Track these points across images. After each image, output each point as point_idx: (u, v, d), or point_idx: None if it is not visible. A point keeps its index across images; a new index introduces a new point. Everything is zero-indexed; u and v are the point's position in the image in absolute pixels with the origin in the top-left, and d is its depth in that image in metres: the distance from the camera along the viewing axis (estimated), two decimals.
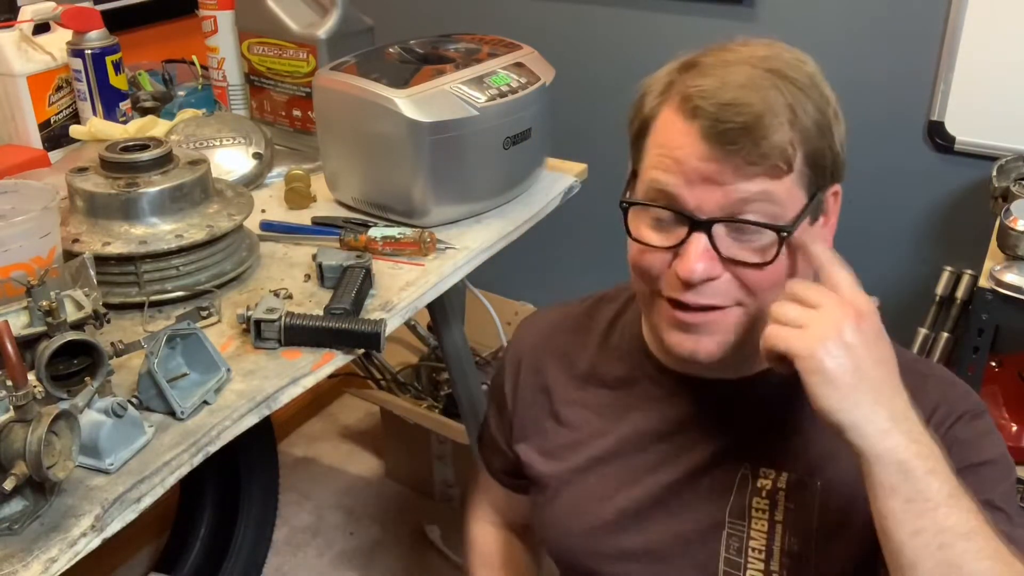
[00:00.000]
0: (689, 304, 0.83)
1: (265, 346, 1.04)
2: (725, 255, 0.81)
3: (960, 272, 1.90)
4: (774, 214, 0.80)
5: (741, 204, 0.79)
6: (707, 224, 0.80)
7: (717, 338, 0.84)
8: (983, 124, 1.82)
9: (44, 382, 0.86)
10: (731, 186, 0.79)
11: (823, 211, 0.86)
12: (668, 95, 0.83)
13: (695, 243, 0.80)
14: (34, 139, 1.49)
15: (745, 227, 0.80)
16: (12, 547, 0.77)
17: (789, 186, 0.80)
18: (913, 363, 0.89)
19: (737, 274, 0.82)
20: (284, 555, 2.20)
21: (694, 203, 0.80)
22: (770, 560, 0.88)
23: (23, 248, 0.96)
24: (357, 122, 1.30)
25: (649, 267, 0.85)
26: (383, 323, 1.05)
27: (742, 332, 0.85)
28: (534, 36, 1.52)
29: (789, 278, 0.83)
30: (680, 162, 0.80)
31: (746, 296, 0.83)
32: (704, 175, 0.79)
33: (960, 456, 0.81)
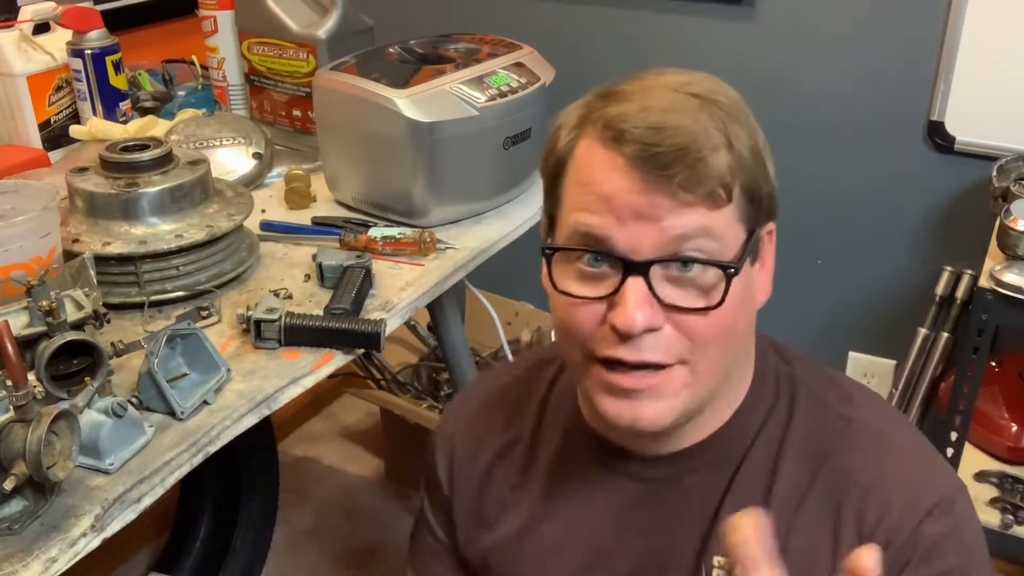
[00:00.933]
0: (627, 362, 0.72)
1: (265, 346, 1.04)
2: (666, 302, 0.71)
3: (960, 272, 1.90)
4: (714, 251, 0.72)
5: (679, 241, 0.70)
6: (644, 267, 0.70)
7: (661, 404, 0.74)
8: (983, 124, 1.82)
9: (44, 382, 0.86)
10: (667, 221, 0.70)
11: (759, 252, 0.77)
12: (585, 126, 0.74)
13: (632, 289, 0.70)
14: (34, 139, 1.49)
15: (685, 269, 0.71)
16: (12, 547, 0.77)
17: (728, 220, 0.72)
18: (880, 425, 0.83)
19: (679, 324, 0.72)
20: (284, 555, 2.20)
21: (627, 244, 0.71)
22: None
23: (23, 248, 0.96)
24: (357, 122, 1.30)
25: (579, 324, 0.74)
26: (383, 323, 1.05)
27: (689, 396, 0.75)
28: (534, 36, 1.52)
29: (733, 327, 0.74)
30: (608, 199, 0.71)
31: (690, 351, 0.73)
32: (636, 210, 0.70)
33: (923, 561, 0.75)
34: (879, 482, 0.78)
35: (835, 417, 0.82)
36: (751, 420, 0.82)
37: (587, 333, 0.74)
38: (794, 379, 0.84)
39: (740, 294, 0.73)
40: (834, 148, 2.01)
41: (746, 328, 0.78)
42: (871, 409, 0.84)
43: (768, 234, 0.78)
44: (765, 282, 0.79)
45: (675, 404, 0.74)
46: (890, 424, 0.84)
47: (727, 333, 0.74)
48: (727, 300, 0.71)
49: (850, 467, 0.79)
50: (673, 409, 0.75)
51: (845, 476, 0.79)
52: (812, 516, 0.78)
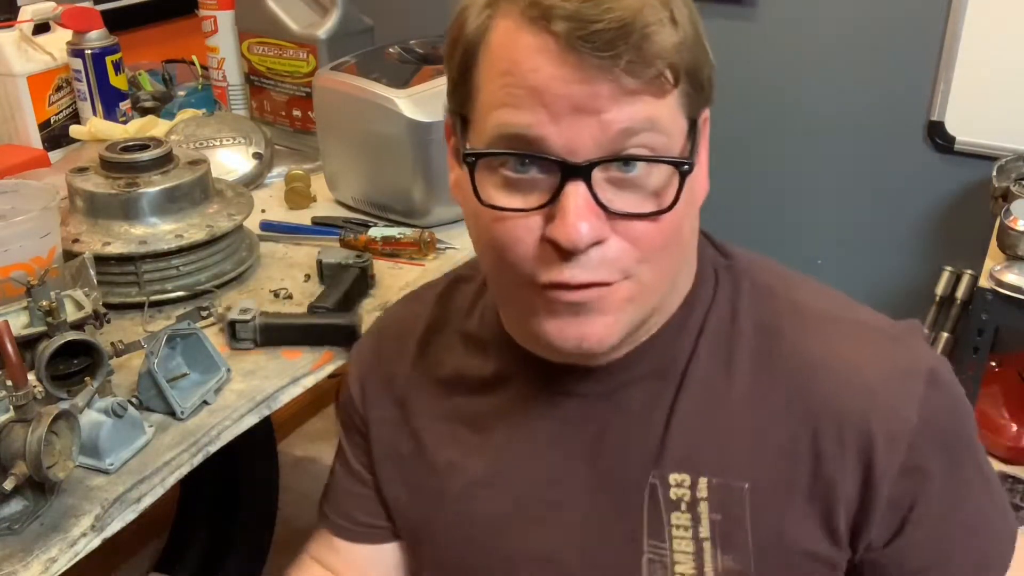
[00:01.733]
0: (572, 283, 0.63)
1: (241, 346, 1.04)
2: (611, 208, 0.62)
3: (960, 272, 1.90)
4: (661, 146, 0.63)
5: (623, 137, 0.61)
6: (585, 169, 0.61)
7: (607, 319, 0.65)
8: (983, 124, 1.83)
9: (44, 382, 0.86)
10: (609, 114, 0.60)
11: (698, 143, 0.68)
12: (501, 3, 0.63)
13: (573, 195, 0.61)
14: (34, 139, 1.49)
15: (627, 169, 0.62)
16: (12, 547, 0.77)
17: (673, 108, 0.63)
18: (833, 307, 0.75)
19: (626, 232, 0.63)
20: (284, 555, 2.20)
21: (565, 144, 0.61)
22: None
23: (23, 248, 0.96)
24: (357, 122, 1.30)
25: (510, 242, 0.64)
26: (359, 317, 1.05)
27: (635, 310, 0.67)
28: None
29: (680, 236, 0.66)
30: (538, 91, 0.60)
31: (636, 263, 0.64)
32: (574, 103, 0.60)
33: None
34: (847, 370, 0.70)
35: (783, 301, 0.74)
36: (691, 321, 0.74)
37: (523, 253, 0.64)
38: (735, 272, 0.76)
39: (687, 194, 0.64)
40: (834, 148, 2.01)
41: (692, 230, 0.70)
42: (820, 293, 0.77)
43: (704, 122, 0.69)
44: (703, 177, 0.70)
45: (621, 318, 0.66)
46: (843, 304, 0.77)
47: (676, 238, 0.66)
48: (679, 201, 0.63)
49: (808, 346, 0.71)
50: (619, 324, 0.66)
51: (809, 364, 0.71)
52: (777, 414, 0.71)
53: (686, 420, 0.72)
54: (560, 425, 0.76)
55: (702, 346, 0.73)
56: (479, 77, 0.65)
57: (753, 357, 0.73)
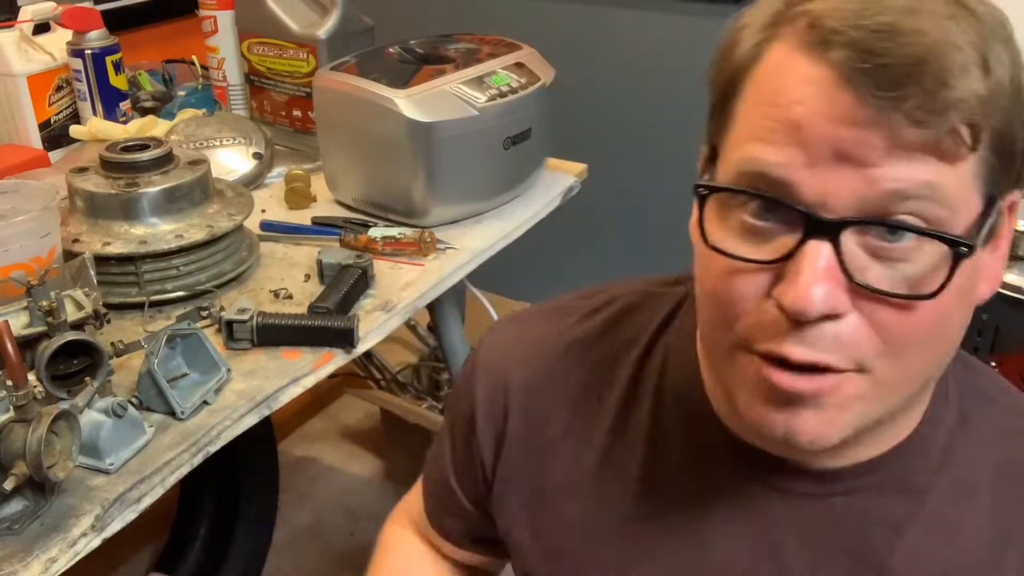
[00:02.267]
0: (792, 360, 0.53)
1: (238, 347, 1.03)
2: (858, 280, 0.51)
3: None
4: (939, 220, 0.50)
5: (891, 200, 0.50)
6: (835, 227, 0.50)
7: (827, 415, 0.54)
8: None
9: (44, 382, 0.86)
10: (880, 169, 0.49)
11: (996, 230, 0.56)
12: (781, 26, 0.53)
13: (812, 255, 0.50)
14: (34, 139, 1.49)
15: (893, 239, 0.51)
16: (12, 547, 0.77)
17: (966, 179, 0.51)
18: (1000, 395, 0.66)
19: (871, 315, 0.52)
20: (284, 555, 2.20)
21: (816, 194, 0.50)
22: None
23: (23, 248, 0.96)
24: (357, 122, 1.30)
25: (733, 296, 0.54)
26: (356, 319, 1.05)
27: (864, 411, 0.55)
28: (534, 36, 1.52)
29: (946, 327, 0.55)
30: (798, 127, 0.50)
31: (875, 355, 0.53)
32: (837, 147, 0.49)
33: None
34: None
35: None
36: (934, 437, 0.64)
37: (744, 311, 0.54)
38: (983, 390, 0.67)
39: (962, 284, 0.53)
40: None
41: (957, 330, 0.57)
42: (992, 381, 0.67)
43: (1011, 208, 0.56)
44: (996, 270, 0.58)
45: (843, 417, 0.55)
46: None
47: (933, 334, 0.54)
48: (947, 290, 0.51)
49: None
50: (840, 423, 0.55)
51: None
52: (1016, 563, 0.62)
53: (915, 551, 0.62)
54: (756, 519, 0.64)
55: (942, 468, 0.64)
56: (739, 106, 0.55)
57: (996, 495, 0.64)
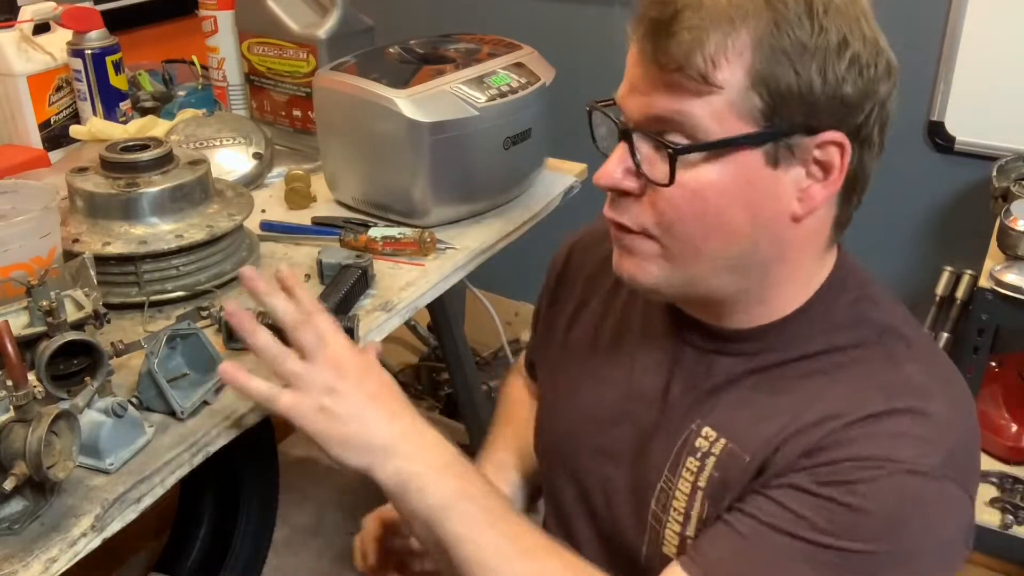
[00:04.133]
0: (606, 216, 0.80)
1: (238, 347, 1.03)
2: (642, 170, 0.75)
3: (960, 272, 1.90)
4: (693, 136, 0.72)
5: (658, 120, 0.73)
6: (626, 132, 0.75)
7: (635, 261, 0.79)
8: (983, 124, 1.83)
9: (44, 382, 0.86)
10: (649, 97, 0.73)
11: (805, 159, 0.73)
12: None
13: (617, 149, 0.76)
14: (34, 139, 1.49)
15: (654, 143, 0.74)
16: (12, 547, 0.77)
17: (718, 110, 0.70)
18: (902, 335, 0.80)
19: (650, 197, 0.76)
20: (284, 555, 2.20)
21: (625, 111, 0.77)
22: (687, 524, 0.82)
23: (23, 248, 0.96)
24: (357, 122, 1.30)
25: None
26: (356, 319, 1.05)
27: (667, 268, 0.78)
28: (534, 36, 1.52)
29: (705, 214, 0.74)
30: (626, 70, 0.77)
31: (655, 226, 0.76)
32: (633, 82, 0.75)
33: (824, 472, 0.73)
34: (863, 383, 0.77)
35: (892, 371, 0.77)
36: (801, 332, 0.81)
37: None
38: (870, 320, 0.81)
39: (726, 186, 0.73)
40: None
41: (749, 226, 0.75)
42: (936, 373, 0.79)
43: (835, 145, 0.73)
44: (813, 195, 0.74)
45: (648, 268, 0.79)
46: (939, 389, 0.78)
47: (696, 218, 0.74)
48: (690, 183, 0.73)
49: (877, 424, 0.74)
50: (647, 272, 0.79)
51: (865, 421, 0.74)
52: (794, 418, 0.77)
53: (743, 395, 0.83)
54: (664, 356, 0.88)
55: (797, 356, 0.81)
56: None
57: (825, 384, 0.78)
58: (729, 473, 0.79)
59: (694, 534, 0.81)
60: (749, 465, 0.78)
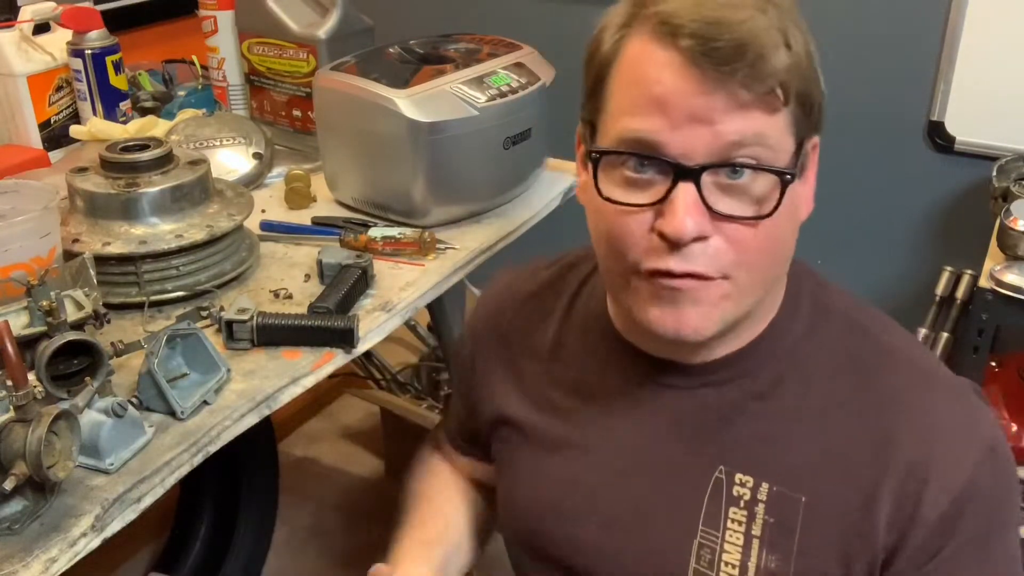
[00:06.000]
0: (674, 272, 0.71)
1: (238, 347, 1.03)
2: (716, 209, 0.70)
3: (960, 272, 1.90)
4: (768, 160, 0.70)
5: (733, 147, 0.69)
6: (696, 172, 0.69)
7: (703, 310, 0.73)
8: (983, 124, 1.82)
9: (44, 382, 0.86)
10: (722, 125, 0.68)
11: (805, 165, 0.77)
12: (634, 24, 0.72)
13: (683, 195, 0.69)
14: (34, 139, 1.49)
15: (735, 176, 0.70)
16: (12, 547, 0.77)
17: (782, 127, 0.71)
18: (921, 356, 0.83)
19: (728, 234, 0.71)
20: (284, 555, 2.20)
21: (680, 149, 0.69)
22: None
23: (23, 248, 0.96)
24: (357, 122, 1.30)
25: (625, 233, 0.73)
26: (356, 319, 1.05)
27: (729, 308, 0.74)
28: (534, 36, 1.52)
29: (782, 239, 0.74)
30: (661, 101, 0.68)
31: (734, 264, 0.72)
32: (691, 113, 0.68)
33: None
34: (925, 418, 0.77)
35: (874, 340, 0.81)
36: (781, 338, 0.81)
37: (633, 243, 0.73)
38: (831, 306, 0.84)
39: (787, 206, 0.72)
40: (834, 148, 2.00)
41: (789, 243, 0.77)
42: (912, 342, 0.84)
43: (813, 148, 0.77)
44: (808, 197, 0.78)
45: (715, 313, 0.74)
46: (931, 358, 0.84)
47: (773, 245, 0.74)
48: (778, 210, 0.70)
49: (895, 387, 0.78)
50: (714, 317, 0.74)
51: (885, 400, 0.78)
52: (846, 440, 0.78)
53: (760, 428, 0.80)
54: (645, 410, 0.84)
55: (787, 364, 0.81)
56: (610, 88, 0.73)
57: (835, 385, 0.79)
58: (786, 516, 0.78)
59: None
60: (811, 505, 0.77)
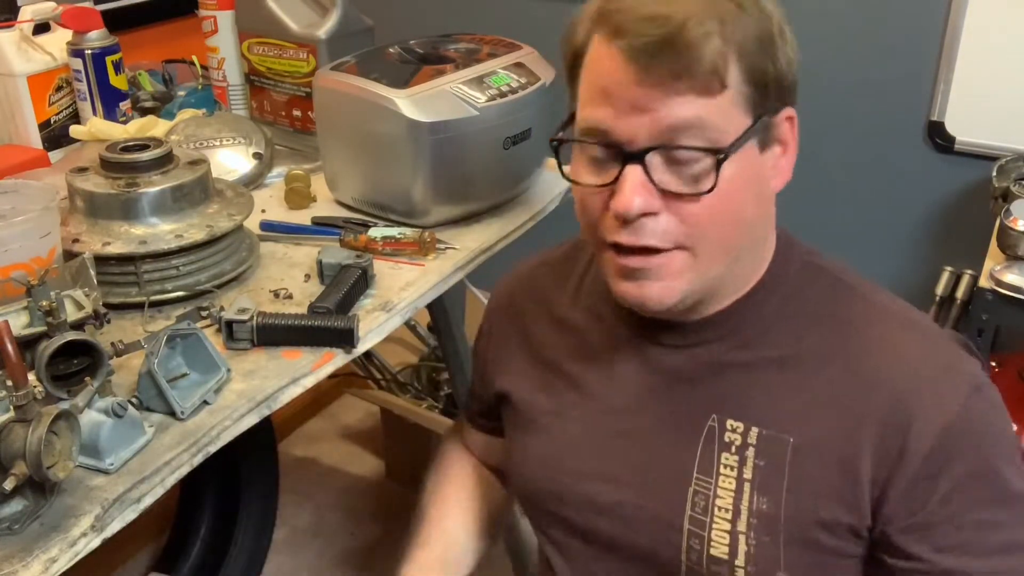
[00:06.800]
0: (626, 245, 0.78)
1: (238, 347, 1.03)
2: (661, 187, 0.75)
3: (960, 272, 1.90)
4: (712, 140, 0.74)
5: (672, 132, 0.74)
6: (639, 155, 0.75)
7: (664, 283, 0.79)
8: (983, 124, 1.83)
9: (44, 382, 0.86)
10: (660, 112, 0.73)
11: (776, 138, 0.81)
12: (598, 24, 0.78)
13: (629, 176, 0.75)
14: (34, 139, 1.49)
15: (680, 155, 0.75)
16: (12, 547, 0.77)
17: (726, 107, 0.74)
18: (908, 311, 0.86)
19: (676, 210, 0.76)
20: (284, 555, 2.20)
21: (624, 135, 0.75)
22: (737, 519, 0.82)
23: (23, 248, 0.96)
24: (357, 122, 1.30)
25: (588, 211, 0.81)
26: (356, 319, 1.05)
27: (693, 278, 0.79)
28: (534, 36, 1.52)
29: (733, 211, 0.77)
30: (608, 93, 0.75)
31: (687, 237, 0.77)
32: (631, 102, 0.74)
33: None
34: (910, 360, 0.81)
35: (860, 296, 0.86)
36: (772, 296, 0.85)
37: (595, 219, 0.80)
38: (821, 267, 0.88)
39: (742, 179, 0.76)
40: (834, 148, 2.01)
41: (756, 211, 0.81)
42: (895, 298, 0.88)
43: (788, 119, 0.81)
44: (783, 167, 0.82)
45: (677, 285, 0.79)
46: (914, 311, 0.87)
47: (727, 217, 0.77)
48: (721, 185, 0.74)
49: (881, 335, 0.83)
50: (675, 290, 0.79)
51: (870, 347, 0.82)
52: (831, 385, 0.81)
53: (750, 377, 0.85)
54: (640, 366, 0.90)
55: (775, 319, 0.85)
56: (580, 81, 0.80)
57: (821, 336, 0.84)
58: (774, 459, 0.82)
59: (746, 528, 0.81)
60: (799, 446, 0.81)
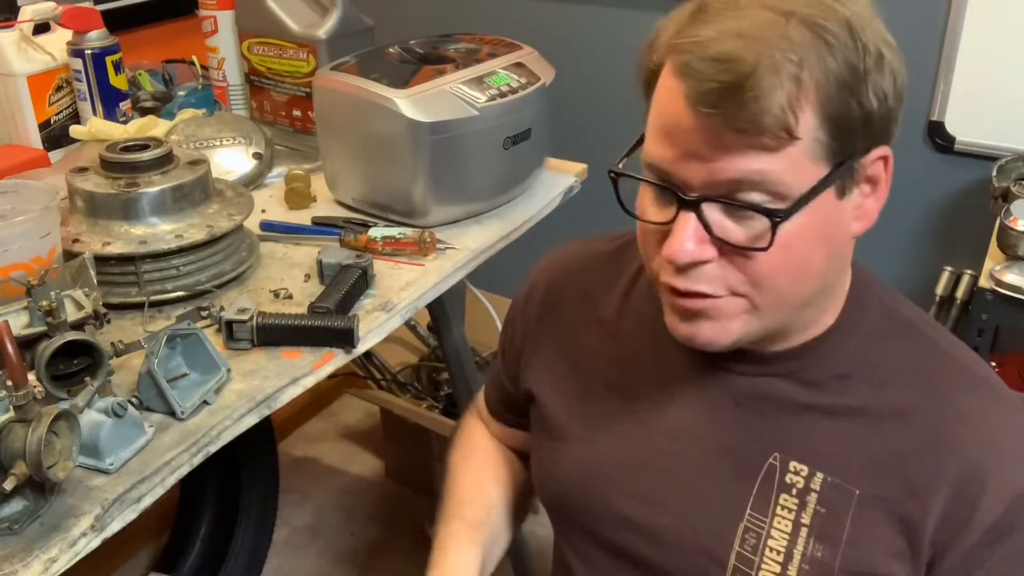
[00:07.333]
0: (679, 289, 0.74)
1: (238, 347, 1.03)
2: (717, 235, 0.71)
3: (960, 272, 1.89)
4: (776, 195, 0.69)
5: (730, 185, 0.69)
6: (694, 203, 0.70)
7: (718, 324, 0.75)
8: (983, 124, 1.82)
9: (44, 382, 0.86)
10: (718, 164, 0.68)
11: (862, 179, 0.74)
12: (670, 53, 0.72)
13: (682, 222, 0.71)
14: (34, 139, 1.49)
15: (737, 208, 0.70)
16: (12, 547, 0.78)
17: (796, 159, 0.68)
18: (991, 375, 0.82)
19: (732, 259, 0.72)
20: (284, 555, 2.20)
21: (682, 180, 0.71)
22: (788, 563, 0.78)
23: (23, 248, 0.96)
24: (357, 122, 1.30)
25: (645, 246, 0.77)
26: (355, 319, 1.05)
27: (751, 320, 0.75)
28: (534, 36, 1.52)
29: (797, 265, 0.72)
30: (669, 133, 0.70)
31: (743, 285, 0.73)
32: (690, 149, 0.69)
33: None
34: (986, 428, 0.77)
35: (949, 359, 0.82)
36: (850, 338, 0.81)
37: (651, 256, 0.77)
38: (902, 315, 0.84)
39: (811, 230, 0.71)
40: None
41: (826, 261, 0.75)
42: (978, 360, 0.84)
43: (881, 160, 0.75)
44: (868, 209, 0.76)
45: (733, 327, 0.75)
46: (994, 376, 0.83)
47: (790, 271, 0.72)
48: (783, 238, 0.69)
49: (958, 396, 0.79)
50: (730, 331, 0.75)
51: (949, 408, 0.78)
52: (906, 441, 0.78)
53: (822, 421, 0.80)
54: (698, 388, 0.85)
55: (853, 365, 0.81)
56: (652, 101, 0.74)
57: (899, 390, 0.80)
58: (837, 508, 0.78)
59: (796, 573, 0.78)
60: (864, 499, 0.77)
